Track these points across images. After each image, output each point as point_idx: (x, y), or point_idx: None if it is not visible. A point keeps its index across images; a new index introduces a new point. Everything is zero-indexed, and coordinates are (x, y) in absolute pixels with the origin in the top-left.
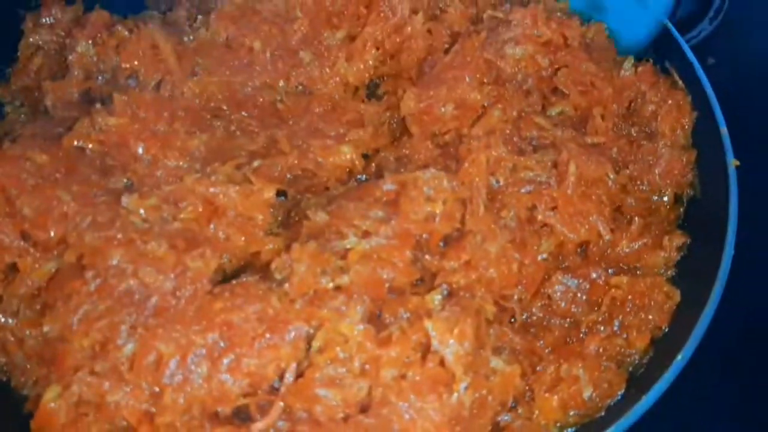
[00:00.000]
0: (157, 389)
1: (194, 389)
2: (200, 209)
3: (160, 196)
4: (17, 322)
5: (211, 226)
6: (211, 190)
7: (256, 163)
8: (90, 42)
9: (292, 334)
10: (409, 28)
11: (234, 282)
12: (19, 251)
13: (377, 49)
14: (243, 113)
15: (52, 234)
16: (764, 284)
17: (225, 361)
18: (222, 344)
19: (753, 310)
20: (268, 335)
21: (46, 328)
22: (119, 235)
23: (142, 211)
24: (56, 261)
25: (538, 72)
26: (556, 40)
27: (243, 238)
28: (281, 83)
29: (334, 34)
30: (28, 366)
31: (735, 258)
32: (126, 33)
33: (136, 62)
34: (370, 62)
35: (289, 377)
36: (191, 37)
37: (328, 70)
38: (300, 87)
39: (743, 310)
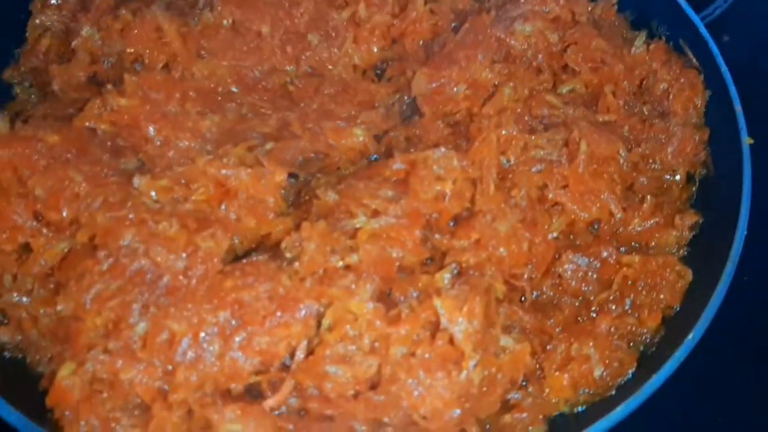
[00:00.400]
0: (170, 367)
1: (207, 367)
2: (212, 191)
3: (172, 177)
4: (31, 300)
5: (222, 207)
6: (223, 172)
7: (268, 146)
8: (94, 27)
9: (303, 312)
10: (414, 13)
11: (244, 261)
12: (31, 232)
13: (383, 35)
14: (254, 96)
15: (64, 214)
16: None
17: (237, 339)
18: (233, 322)
19: (766, 290)
20: (279, 313)
21: (59, 307)
22: (131, 215)
23: (153, 192)
24: (69, 241)
25: (547, 48)
26: (565, 17)
27: (254, 221)
28: (290, 67)
29: (339, 14)
30: (43, 344)
31: (747, 237)
32: (130, 16)
33: (140, 46)
34: (375, 49)
35: (299, 354)
36: (196, 20)
37: (336, 50)
38: (309, 69)
39: (756, 290)
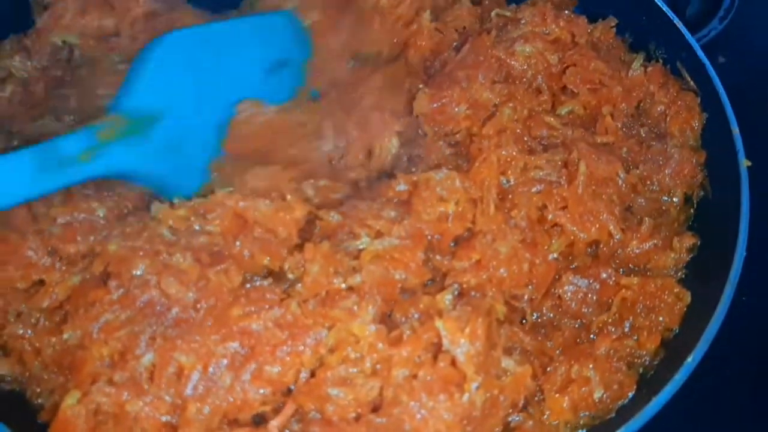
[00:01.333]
0: (179, 401)
1: (218, 399)
2: (228, 222)
3: (190, 207)
4: (35, 332)
5: (237, 243)
6: (241, 204)
7: (322, 183)
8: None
9: (312, 339)
10: (415, 26)
11: (248, 286)
12: (45, 268)
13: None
14: None
15: (80, 247)
16: None
17: (247, 369)
18: (243, 352)
19: (765, 312)
20: (289, 342)
21: (65, 335)
22: (146, 246)
23: (170, 221)
24: (81, 274)
25: (547, 69)
26: (564, 38)
27: (267, 258)
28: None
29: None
30: (45, 376)
31: (746, 259)
32: None
33: None
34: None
35: (301, 377)
36: None
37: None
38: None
39: (755, 312)
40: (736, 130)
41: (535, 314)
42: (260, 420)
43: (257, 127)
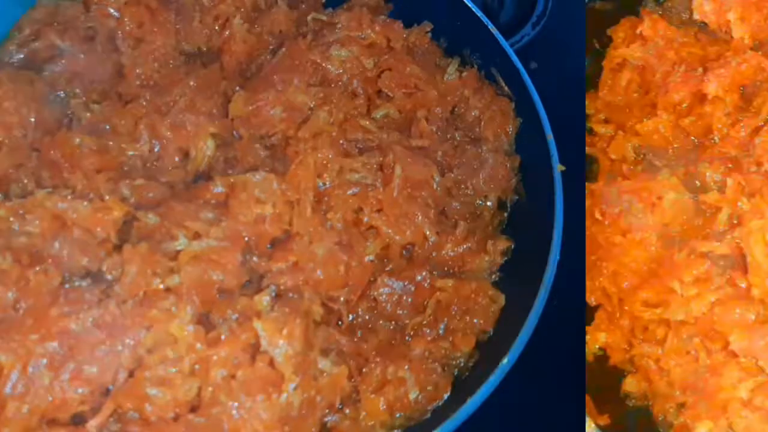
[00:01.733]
0: None
1: (37, 399)
2: (47, 223)
3: (9, 207)
4: None
5: (56, 244)
6: (60, 205)
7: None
8: None
9: (131, 339)
10: (227, 32)
11: (68, 287)
12: None
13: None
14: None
15: None
16: None
17: (66, 369)
18: (62, 352)
19: (578, 317)
20: (108, 342)
21: None
22: None
23: None
24: None
25: (363, 73)
26: (380, 43)
27: (86, 259)
28: None
29: None
30: None
31: (559, 263)
32: None
33: None
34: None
35: (120, 377)
36: None
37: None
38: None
39: (567, 316)
40: (549, 135)
41: (351, 316)
42: (80, 420)
43: (71, 131)
